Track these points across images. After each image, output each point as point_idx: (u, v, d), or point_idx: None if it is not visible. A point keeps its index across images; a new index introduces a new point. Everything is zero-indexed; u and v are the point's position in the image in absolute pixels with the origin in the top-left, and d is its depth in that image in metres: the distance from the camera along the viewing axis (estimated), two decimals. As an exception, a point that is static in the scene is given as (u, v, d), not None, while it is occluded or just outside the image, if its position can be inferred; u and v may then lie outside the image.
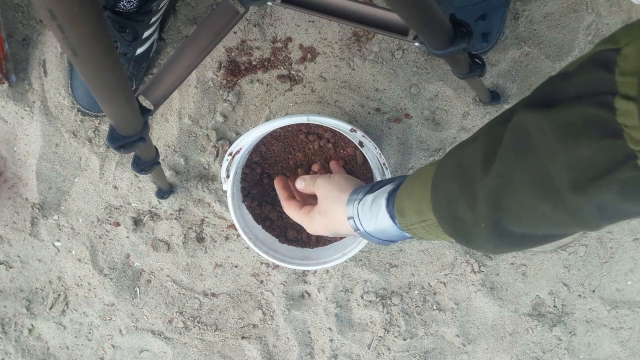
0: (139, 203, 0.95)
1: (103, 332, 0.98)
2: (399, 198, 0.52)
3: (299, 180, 0.71)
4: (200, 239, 0.95)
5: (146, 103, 0.60)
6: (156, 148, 0.71)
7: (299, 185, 0.71)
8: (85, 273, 0.96)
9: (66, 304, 0.97)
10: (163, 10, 0.83)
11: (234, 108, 0.92)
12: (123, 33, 0.77)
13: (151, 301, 0.97)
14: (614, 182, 0.32)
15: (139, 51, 0.83)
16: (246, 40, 0.91)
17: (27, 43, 0.91)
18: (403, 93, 0.91)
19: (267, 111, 0.92)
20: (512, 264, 0.95)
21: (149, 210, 0.95)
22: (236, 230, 0.90)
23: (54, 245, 0.95)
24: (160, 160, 0.77)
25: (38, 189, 0.93)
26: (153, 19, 0.80)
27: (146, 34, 0.81)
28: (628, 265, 0.94)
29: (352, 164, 0.83)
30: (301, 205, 0.70)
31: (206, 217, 0.94)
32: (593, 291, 0.95)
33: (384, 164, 0.77)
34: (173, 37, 0.91)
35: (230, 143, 0.92)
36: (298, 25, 0.90)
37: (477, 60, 0.66)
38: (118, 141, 0.55)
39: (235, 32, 0.90)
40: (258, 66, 0.91)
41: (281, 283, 0.96)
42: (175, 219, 0.94)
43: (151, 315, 0.97)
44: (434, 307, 0.96)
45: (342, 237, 0.87)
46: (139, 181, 0.94)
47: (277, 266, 0.95)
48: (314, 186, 0.66)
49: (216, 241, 0.95)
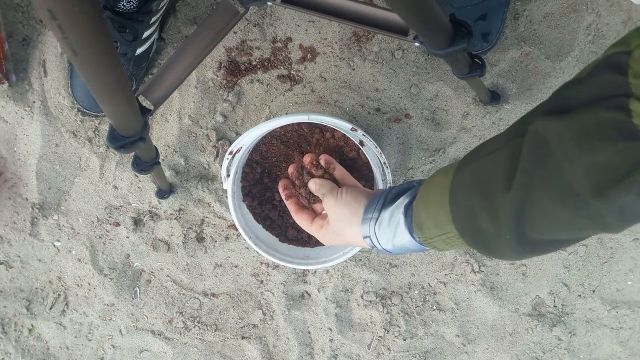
0: (139, 203, 0.95)
1: (103, 332, 0.98)
2: (416, 212, 0.51)
3: (312, 182, 0.68)
4: (200, 239, 0.95)
5: (146, 103, 0.60)
6: (156, 148, 0.71)
7: (312, 186, 0.68)
8: (85, 273, 0.96)
9: (66, 304, 0.97)
10: (163, 10, 0.83)
11: (234, 108, 0.92)
12: (123, 33, 0.77)
13: (151, 301, 0.97)
14: (634, 184, 0.32)
15: (139, 51, 0.83)
16: (246, 40, 0.91)
17: (27, 43, 0.91)
18: (403, 93, 0.91)
19: (267, 111, 0.92)
20: (512, 264, 0.95)
21: (149, 210, 0.95)
22: (236, 230, 0.90)
23: (54, 245, 0.95)
24: (160, 160, 0.77)
25: (38, 189, 0.93)
26: (153, 19, 0.80)
27: (146, 34, 0.81)
28: (628, 265, 0.94)
29: (354, 163, 0.83)
30: (312, 216, 0.68)
31: (206, 217, 0.94)
32: (593, 291, 0.95)
33: (385, 163, 0.77)
34: (173, 37, 0.91)
35: (230, 143, 0.92)
36: (298, 25, 0.90)
37: (477, 60, 0.66)
38: (118, 141, 0.55)
39: (235, 32, 0.90)
40: (258, 66, 0.91)
41: (281, 283, 0.96)
42: (175, 219, 0.94)
43: (151, 315, 0.97)
44: (434, 307, 0.96)
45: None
46: (139, 181, 0.94)
47: (277, 266, 0.95)
48: (323, 203, 0.64)
49: (216, 241, 0.95)
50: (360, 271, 0.95)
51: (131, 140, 0.55)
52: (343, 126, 0.73)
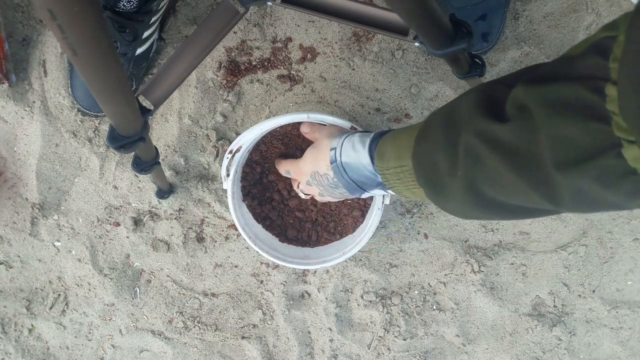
0: (139, 203, 0.95)
1: (103, 332, 0.98)
2: (383, 142, 0.55)
3: (305, 124, 0.73)
4: (200, 239, 0.95)
5: (146, 103, 0.60)
6: (156, 148, 0.71)
7: (304, 129, 0.73)
8: (85, 273, 0.96)
9: (66, 304, 0.97)
10: (163, 10, 0.83)
11: (234, 108, 0.92)
12: (123, 33, 0.77)
13: (151, 301, 0.97)
14: (595, 168, 0.32)
15: (139, 51, 0.83)
16: (246, 40, 0.91)
17: (27, 43, 0.91)
18: (403, 93, 0.91)
19: (267, 111, 0.92)
20: (512, 264, 0.95)
21: (149, 210, 0.95)
22: (236, 230, 0.90)
23: (54, 245, 0.95)
24: (160, 160, 0.77)
25: (38, 189, 0.93)
26: (153, 19, 0.80)
27: (146, 34, 0.81)
28: (628, 265, 0.94)
29: None
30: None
31: (206, 217, 0.94)
32: (593, 291, 0.95)
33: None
34: (173, 37, 0.91)
35: (230, 143, 0.92)
36: (298, 25, 0.90)
37: (477, 60, 0.66)
38: (118, 141, 0.55)
39: (235, 32, 0.90)
40: (258, 66, 0.91)
41: (281, 283, 0.96)
42: (175, 219, 0.94)
43: (151, 315, 0.97)
44: (434, 307, 0.96)
45: (341, 236, 0.87)
46: (139, 181, 0.94)
47: (277, 266, 0.95)
48: (319, 131, 0.69)
49: (216, 241, 0.95)
50: (360, 271, 0.95)
51: (131, 140, 0.55)
52: (343, 125, 0.73)
